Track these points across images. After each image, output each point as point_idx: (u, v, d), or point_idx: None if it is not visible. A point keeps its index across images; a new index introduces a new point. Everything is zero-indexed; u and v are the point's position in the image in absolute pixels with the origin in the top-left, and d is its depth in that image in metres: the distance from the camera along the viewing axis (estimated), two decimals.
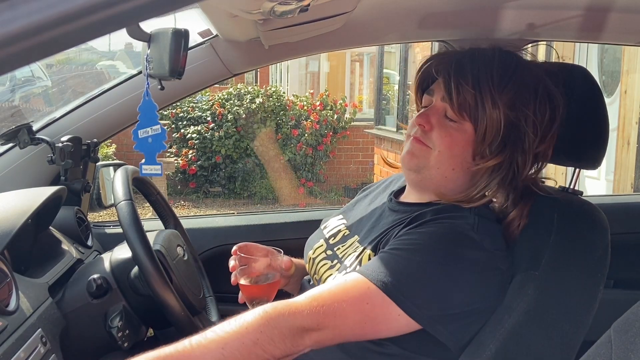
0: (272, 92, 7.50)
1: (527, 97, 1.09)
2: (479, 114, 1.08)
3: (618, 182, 4.31)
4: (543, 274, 1.08)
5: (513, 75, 1.10)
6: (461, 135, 1.11)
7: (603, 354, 0.70)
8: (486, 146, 1.09)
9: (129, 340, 1.24)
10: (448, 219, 1.07)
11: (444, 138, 1.11)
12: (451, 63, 1.12)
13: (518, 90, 1.09)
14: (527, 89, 1.10)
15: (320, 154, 7.46)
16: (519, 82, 1.09)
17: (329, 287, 1.00)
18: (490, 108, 1.07)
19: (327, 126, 7.53)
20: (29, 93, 6.38)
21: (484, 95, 1.07)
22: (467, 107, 1.08)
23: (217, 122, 7.14)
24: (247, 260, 1.18)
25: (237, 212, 6.42)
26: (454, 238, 1.04)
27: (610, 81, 4.83)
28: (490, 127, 1.08)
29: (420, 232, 1.05)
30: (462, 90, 1.08)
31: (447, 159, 1.12)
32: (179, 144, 7.22)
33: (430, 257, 1.01)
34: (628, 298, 0.91)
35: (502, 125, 1.07)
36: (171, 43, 1.14)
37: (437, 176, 1.14)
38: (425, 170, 1.14)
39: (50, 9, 0.44)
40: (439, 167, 1.13)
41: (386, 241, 1.10)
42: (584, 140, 1.19)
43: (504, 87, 1.08)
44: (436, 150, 1.12)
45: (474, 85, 1.07)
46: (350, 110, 8.07)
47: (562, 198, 1.18)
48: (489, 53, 1.13)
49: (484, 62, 1.10)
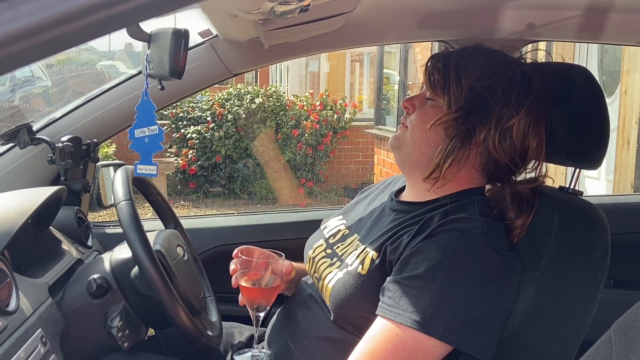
0: (272, 92, 7.50)
1: (495, 70, 1.15)
2: (446, 88, 1.15)
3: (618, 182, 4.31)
4: (543, 274, 1.08)
5: (482, 55, 1.18)
6: (434, 111, 1.17)
7: (603, 354, 0.70)
8: (453, 115, 1.14)
9: (129, 340, 1.24)
10: (456, 223, 1.06)
11: (419, 115, 1.20)
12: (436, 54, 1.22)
13: (484, 66, 1.15)
14: (496, 63, 1.16)
15: (320, 154, 7.46)
16: (487, 59, 1.17)
17: (365, 350, 1.01)
18: (454, 81, 1.14)
19: (327, 126, 7.53)
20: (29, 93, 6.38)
21: (450, 71, 1.15)
22: (437, 84, 1.17)
23: (217, 122, 7.14)
24: (248, 263, 1.18)
25: (237, 212, 6.42)
26: (468, 252, 1.03)
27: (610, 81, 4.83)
28: (455, 97, 1.14)
29: (433, 250, 1.03)
30: (434, 70, 1.17)
31: (419, 133, 1.18)
32: (179, 144, 7.23)
33: (452, 283, 1.00)
34: (628, 298, 0.91)
35: (466, 94, 1.14)
36: (171, 43, 1.14)
37: (414, 152, 1.19)
38: (403, 146, 1.21)
39: (50, 9, 0.44)
40: (414, 142, 1.19)
41: (396, 246, 1.09)
42: (584, 140, 1.19)
43: (470, 62, 1.15)
44: (411, 125, 1.20)
45: (443, 65, 1.17)
46: (350, 110, 8.07)
47: (562, 198, 1.18)
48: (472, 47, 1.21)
49: (461, 50, 1.20)
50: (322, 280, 1.17)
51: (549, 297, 1.08)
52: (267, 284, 1.18)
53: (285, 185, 7.22)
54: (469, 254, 1.03)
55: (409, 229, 1.11)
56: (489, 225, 1.08)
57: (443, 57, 1.19)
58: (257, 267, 1.17)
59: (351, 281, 1.10)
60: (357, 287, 1.09)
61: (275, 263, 1.20)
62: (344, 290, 1.10)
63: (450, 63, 1.16)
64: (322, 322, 1.16)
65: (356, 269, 1.11)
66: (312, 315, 1.19)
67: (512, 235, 1.13)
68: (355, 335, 1.09)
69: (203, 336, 1.25)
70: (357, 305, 1.09)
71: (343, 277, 1.12)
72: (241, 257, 1.19)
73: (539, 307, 1.08)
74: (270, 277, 1.18)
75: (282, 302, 1.37)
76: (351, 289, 1.09)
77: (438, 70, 1.17)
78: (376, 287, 1.07)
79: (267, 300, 1.18)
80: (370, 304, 1.08)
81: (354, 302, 1.09)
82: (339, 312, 1.11)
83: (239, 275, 1.18)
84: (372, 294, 1.07)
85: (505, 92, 1.13)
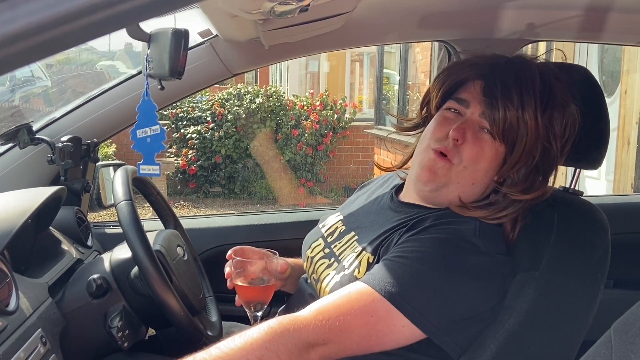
0: (272, 92, 7.50)
1: (559, 119, 1.07)
2: (518, 137, 1.05)
3: (618, 182, 4.31)
4: (543, 274, 1.08)
5: (550, 96, 1.06)
6: (492, 151, 1.08)
7: (603, 354, 0.70)
8: (516, 169, 1.08)
9: (129, 340, 1.24)
10: (449, 224, 1.07)
11: (476, 153, 1.08)
12: (494, 78, 1.07)
13: (553, 113, 1.07)
14: (559, 110, 1.08)
15: (320, 154, 7.46)
16: (554, 103, 1.07)
17: (334, 300, 0.99)
18: (532, 134, 1.04)
19: (327, 126, 7.52)
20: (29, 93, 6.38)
21: (527, 120, 1.04)
22: (509, 130, 1.05)
23: (217, 122, 7.13)
24: (242, 264, 1.18)
25: (237, 212, 6.42)
26: (456, 245, 1.03)
27: (610, 81, 4.83)
28: (527, 151, 1.06)
29: (422, 239, 1.04)
30: (508, 113, 1.04)
31: (470, 173, 1.09)
32: (179, 144, 7.22)
33: (435, 266, 1.00)
34: (628, 298, 0.90)
35: (538, 151, 1.06)
36: (171, 43, 1.14)
37: (454, 191, 1.11)
38: (444, 188, 1.11)
39: (50, 9, 0.44)
40: (459, 182, 1.10)
41: (387, 246, 1.09)
42: (584, 140, 1.19)
43: (544, 113, 1.05)
44: (461, 165, 1.09)
45: (518, 108, 1.04)
46: (350, 110, 8.06)
47: (562, 198, 1.18)
48: (530, 69, 1.09)
49: (527, 80, 1.06)
50: (320, 283, 1.17)
51: (549, 297, 1.08)
52: (262, 283, 1.17)
53: (285, 185, 7.21)
54: (456, 247, 1.03)
55: (403, 227, 1.11)
56: (483, 227, 1.07)
57: (517, 96, 1.03)
58: (252, 267, 1.17)
59: (347, 284, 1.08)
60: None
61: (269, 262, 1.19)
62: None
63: (526, 106, 1.03)
64: None
65: (352, 272, 1.10)
66: None
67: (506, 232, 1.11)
68: None
69: (203, 336, 1.25)
70: None
71: (340, 281, 1.11)
72: (235, 259, 1.18)
73: (539, 307, 1.08)
74: (266, 276, 1.18)
75: (283, 302, 1.37)
76: None
77: (514, 114, 1.03)
78: None
79: (264, 299, 1.17)
80: None
81: None
82: None
83: (234, 276, 1.18)
84: None
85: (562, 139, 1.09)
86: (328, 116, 7.55)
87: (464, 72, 1.14)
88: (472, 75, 1.13)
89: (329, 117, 7.55)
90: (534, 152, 1.06)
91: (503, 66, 1.10)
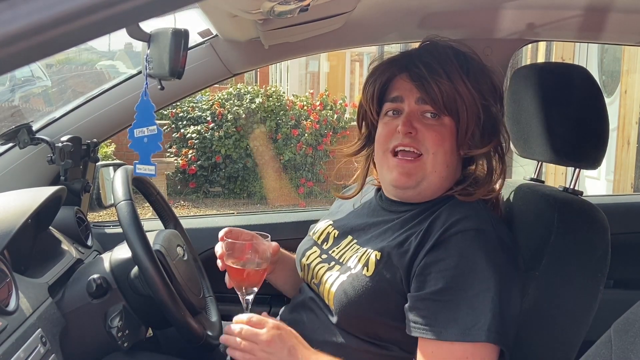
0: (272, 92, 7.50)
1: (483, 81, 1.13)
2: (458, 105, 1.09)
3: (618, 182, 4.31)
4: (543, 274, 1.08)
5: (470, 66, 1.13)
6: (445, 129, 1.12)
7: (603, 354, 0.70)
8: (470, 134, 1.11)
9: (129, 340, 1.24)
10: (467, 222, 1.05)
11: (434, 138, 1.11)
12: (415, 64, 1.12)
13: (476, 76, 1.12)
14: (479, 70, 1.14)
15: (320, 154, 7.46)
16: (473, 66, 1.13)
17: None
18: (468, 97, 1.09)
19: (327, 126, 7.52)
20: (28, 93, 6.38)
21: (458, 86, 1.09)
22: (448, 101, 1.09)
23: (217, 122, 7.13)
24: (233, 245, 1.15)
25: (237, 212, 6.42)
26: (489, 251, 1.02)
27: (610, 81, 4.83)
28: (471, 116, 1.10)
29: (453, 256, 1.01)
30: (441, 86, 1.08)
31: (441, 157, 1.12)
32: (179, 144, 7.22)
33: (482, 283, 0.99)
34: (628, 298, 0.90)
35: (480, 112, 1.10)
36: (171, 43, 1.14)
37: (434, 180, 1.14)
38: (423, 181, 1.13)
39: (50, 9, 0.44)
40: (436, 170, 1.12)
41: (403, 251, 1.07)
42: (584, 140, 1.19)
43: (469, 76, 1.10)
44: (430, 153, 1.12)
45: (447, 78, 1.09)
46: (350, 110, 8.06)
47: (562, 198, 1.18)
48: (440, 45, 1.15)
49: (442, 54, 1.12)
50: (323, 285, 1.16)
51: (549, 297, 1.08)
52: (254, 266, 1.15)
53: (285, 185, 7.21)
54: (490, 255, 1.01)
55: (414, 229, 1.10)
56: (494, 217, 1.09)
57: (442, 70, 1.09)
58: (242, 249, 1.15)
59: (356, 283, 1.08)
60: (363, 288, 1.07)
61: (259, 244, 1.17)
62: (350, 291, 1.08)
63: (453, 75, 1.09)
64: (326, 326, 1.14)
65: (361, 270, 1.09)
66: (316, 318, 1.18)
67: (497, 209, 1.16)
68: (359, 338, 1.08)
69: (203, 336, 1.25)
70: (363, 307, 1.08)
71: (347, 280, 1.10)
72: (226, 240, 1.16)
73: (539, 307, 1.08)
74: (258, 259, 1.15)
75: (283, 303, 1.37)
76: (356, 291, 1.08)
77: (447, 84, 1.08)
78: (382, 288, 1.06)
79: (255, 283, 1.15)
80: (376, 305, 1.07)
81: (359, 304, 1.08)
82: (344, 315, 1.10)
83: (225, 257, 1.15)
84: (377, 296, 1.07)
85: (494, 99, 1.14)
86: (328, 116, 7.55)
87: (386, 71, 1.18)
88: (394, 71, 1.17)
89: (329, 117, 7.55)
90: (478, 113, 1.10)
91: (417, 51, 1.16)
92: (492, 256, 1.01)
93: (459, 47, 1.16)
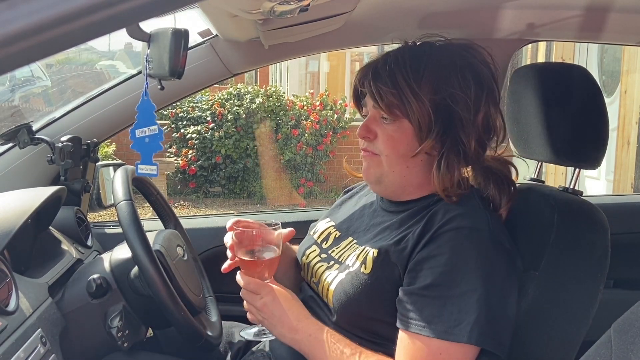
0: (272, 92, 7.50)
1: (447, 76, 1.11)
2: (406, 108, 1.10)
3: (618, 182, 4.31)
4: (543, 274, 1.08)
5: (427, 62, 1.12)
6: (402, 134, 1.13)
7: (603, 354, 0.70)
8: (425, 134, 1.11)
9: (129, 340, 1.24)
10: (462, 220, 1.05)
11: (386, 142, 1.14)
12: (368, 72, 1.16)
13: (435, 74, 1.11)
14: (445, 69, 1.12)
15: (320, 154, 7.46)
16: (434, 66, 1.12)
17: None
18: (413, 100, 1.09)
19: (327, 126, 7.52)
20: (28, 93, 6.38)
21: (403, 90, 1.10)
22: (394, 105, 1.11)
23: (217, 122, 7.13)
24: (243, 235, 1.11)
25: (237, 212, 6.42)
26: (482, 251, 1.02)
27: (610, 81, 4.83)
28: (421, 116, 1.10)
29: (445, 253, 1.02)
30: (383, 92, 1.11)
31: (396, 160, 1.14)
32: (179, 144, 7.22)
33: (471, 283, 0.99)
34: (628, 298, 0.90)
35: (430, 111, 1.10)
36: (171, 43, 1.14)
37: (396, 178, 1.16)
38: (384, 177, 1.16)
39: (50, 9, 0.44)
40: (393, 170, 1.15)
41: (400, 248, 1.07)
42: (584, 140, 1.19)
43: (420, 75, 1.11)
44: (384, 155, 1.15)
45: (392, 85, 1.10)
46: (350, 110, 8.06)
47: (562, 198, 1.18)
48: (400, 51, 1.16)
49: (396, 61, 1.13)
50: (322, 283, 1.17)
51: (549, 297, 1.08)
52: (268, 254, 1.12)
53: (285, 185, 7.21)
54: (482, 255, 1.02)
55: (412, 227, 1.10)
56: (493, 218, 1.08)
57: (388, 74, 1.11)
58: (253, 238, 1.11)
59: (355, 281, 1.09)
60: (361, 286, 1.08)
61: (269, 232, 1.13)
62: (350, 289, 1.09)
63: (397, 79, 1.10)
64: (325, 325, 1.14)
65: (359, 268, 1.10)
66: (315, 316, 1.18)
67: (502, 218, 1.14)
68: (358, 337, 1.09)
69: (203, 336, 1.25)
70: (361, 305, 1.08)
71: (346, 278, 1.11)
72: (236, 229, 1.12)
73: (539, 307, 1.08)
74: (269, 247, 1.12)
75: None
76: (355, 289, 1.08)
77: (388, 91, 1.11)
78: (380, 287, 1.07)
79: (268, 273, 1.12)
80: (374, 303, 1.08)
81: (358, 302, 1.08)
82: (343, 313, 1.10)
83: (236, 248, 1.12)
84: (376, 293, 1.07)
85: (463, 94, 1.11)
86: (328, 116, 7.55)
87: (356, 80, 1.22)
88: (359, 80, 1.21)
89: (329, 117, 7.55)
90: (430, 111, 1.10)
91: (377, 59, 1.18)
92: (484, 256, 1.01)
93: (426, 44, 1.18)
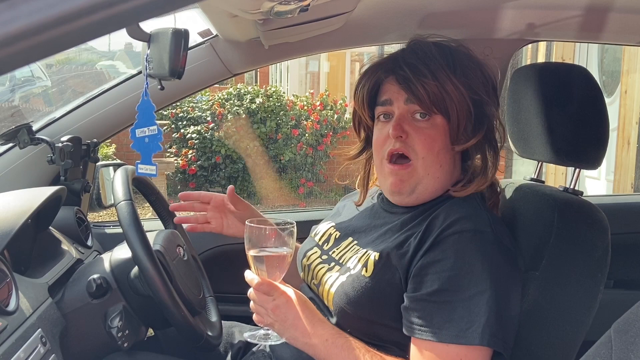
0: (272, 92, 7.50)
1: (474, 72, 1.12)
2: (447, 103, 1.09)
3: (618, 182, 4.31)
4: (543, 274, 1.08)
5: (455, 57, 1.12)
6: (436, 131, 1.11)
7: (603, 354, 0.70)
8: (462, 131, 1.11)
9: (129, 340, 1.24)
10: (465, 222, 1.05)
11: (423, 142, 1.11)
12: (399, 66, 1.13)
13: (464, 69, 1.11)
14: (470, 65, 1.13)
15: (320, 154, 7.46)
16: (462, 60, 1.12)
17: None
18: (455, 93, 1.08)
19: (327, 126, 7.52)
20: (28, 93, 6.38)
21: (444, 84, 1.08)
22: (436, 100, 1.09)
23: (217, 122, 7.13)
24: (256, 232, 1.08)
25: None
26: (487, 253, 1.02)
27: (610, 81, 4.83)
28: (461, 111, 1.09)
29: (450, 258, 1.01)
30: (426, 85, 1.08)
31: (433, 160, 1.12)
32: (179, 144, 7.22)
33: (478, 286, 0.99)
34: (628, 298, 0.91)
35: (470, 107, 1.10)
36: (171, 43, 1.14)
37: (430, 183, 1.14)
38: (418, 186, 1.14)
39: (50, 9, 0.44)
40: (428, 173, 1.13)
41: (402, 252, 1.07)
42: (584, 140, 1.19)
43: (453, 70, 1.10)
44: (420, 157, 1.12)
45: (433, 77, 1.08)
46: (350, 110, 8.06)
47: (562, 198, 1.18)
48: (424, 44, 1.15)
49: (426, 53, 1.12)
50: (323, 286, 1.16)
51: (549, 297, 1.08)
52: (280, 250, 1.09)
53: (285, 185, 7.21)
54: (487, 257, 1.01)
55: (413, 230, 1.10)
56: (493, 218, 1.08)
57: (427, 69, 1.09)
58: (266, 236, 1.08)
59: (355, 284, 1.08)
60: (362, 289, 1.07)
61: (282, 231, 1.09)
62: (350, 292, 1.08)
63: (438, 73, 1.08)
64: None
65: (360, 271, 1.09)
66: None
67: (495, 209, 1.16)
68: (358, 339, 1.08)
69: (203, 336, 1.25)
70: (362, 307, 1.08)
71: (347, 281, 1.10)
72: (249, 225, 1.09)
73: (539, 307, 1.08)
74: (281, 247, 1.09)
75: None
76: (356, 292, 1.08)
77: (432, 84, 1.08)
78: (381, 290, 1.06)
79: (279, 273, 1.09)
80: (376, 305, 1.07)
81: (359, 304, 1.08)
82: (343, 315, 1.10)
83: (247, 246, 1.09)
84: (376, 296, 1.07)
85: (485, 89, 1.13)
86: (328, 116, 7.55)
87: (374, 76, 1.18)
88: (381, 75, 1.17)
89: (329, 117, 7.55)
90: (468, 108, 1.10)
91: (402, 53, 1.16)
92: (489, 258, 1.01)
93: (445, 43, 1.15)
